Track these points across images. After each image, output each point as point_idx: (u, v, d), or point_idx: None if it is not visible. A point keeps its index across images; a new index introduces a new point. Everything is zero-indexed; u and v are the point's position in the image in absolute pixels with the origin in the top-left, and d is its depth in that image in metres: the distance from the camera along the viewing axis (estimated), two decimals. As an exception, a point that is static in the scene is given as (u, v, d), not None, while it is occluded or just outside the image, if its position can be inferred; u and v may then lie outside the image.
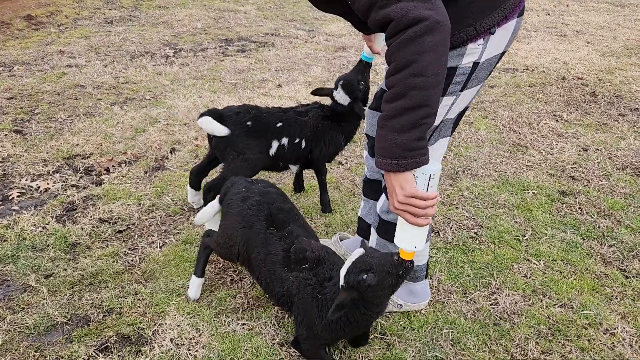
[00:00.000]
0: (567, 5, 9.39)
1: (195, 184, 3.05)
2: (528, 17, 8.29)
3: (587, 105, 4.89)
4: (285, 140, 2.85)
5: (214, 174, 3.15)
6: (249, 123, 2.77)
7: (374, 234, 2.35)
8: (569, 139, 4.20)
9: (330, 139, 2.98)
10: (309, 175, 3.54)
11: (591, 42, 7.06)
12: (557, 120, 4.55)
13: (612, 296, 2.56)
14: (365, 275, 1.79)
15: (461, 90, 1.86)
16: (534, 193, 3.42)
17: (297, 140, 2.88)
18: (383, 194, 2.24)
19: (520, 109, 4.77)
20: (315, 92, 3.00)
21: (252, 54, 6.16)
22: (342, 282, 1.88)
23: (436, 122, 1.93)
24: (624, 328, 2.36)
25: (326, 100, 3.01)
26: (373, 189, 2.52)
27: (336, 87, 2.89)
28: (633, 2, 9.81)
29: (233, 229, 2.26)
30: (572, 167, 3.77)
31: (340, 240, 2.81)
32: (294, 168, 3.05)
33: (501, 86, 5.34)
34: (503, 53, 1.90)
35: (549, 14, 8.68)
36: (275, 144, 2.83)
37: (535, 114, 4.67)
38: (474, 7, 1.70)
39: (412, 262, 1.80)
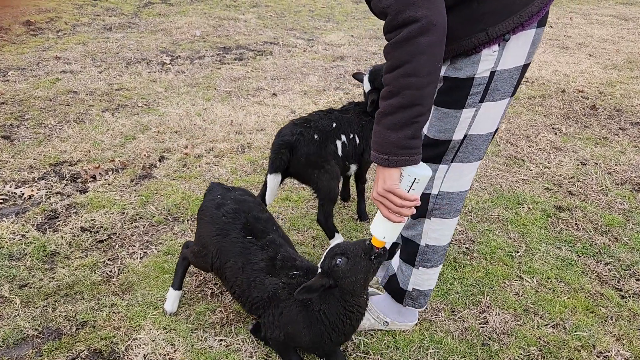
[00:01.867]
0: (570, 18, 9.33)
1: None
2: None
3: (587, 119, 4.80)
4: (344, 138, 2.78)
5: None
6: (316, 136, 2.69)
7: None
8: (567, 153, 4.11)
9: None
10: (296, 186, 3.46)
11: (593, 54, 6.98)
12: (555, 134, 4.46)
13: (607, 317, 2.46)
14: (340, 259, 1.85)
15: (480, 102, 1.80)
16: (529, 208, 3.32)
17: (351, 136, 2.82)
18: None
19: (519, 121, 4.69)
20: (354, 75, 3.02)
21: (249, 62, 6.11)
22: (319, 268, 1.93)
23: (459, 137, 1.87)
24: (619, 351, 2.26)
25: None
26: None
27: (366, 73, 2.84)
28: (638, 15, 9.74)
29: (207, 237, 2.19)
30: (569, 182, 3.67)
31: None
32: (353, 168, 2.94)
33: (500, 98, 5.25)
34: (526, 66, 1.82)
35: (551, 27, 8.61)
36: (339, 143, 2.76)
37: (534, 126, 4.59)
38: (487, 12, 1.66)
39: (384, 249, 1.84)
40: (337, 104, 4.88)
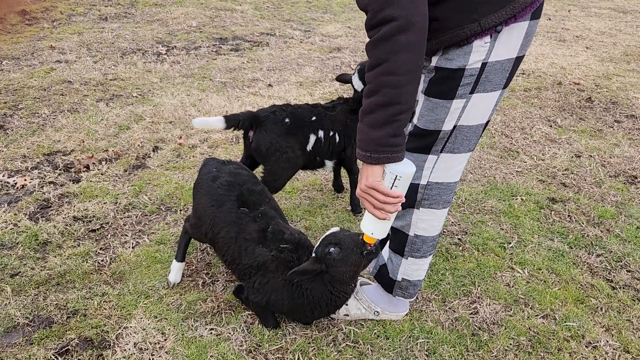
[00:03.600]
0: (569, 11, 9.30)
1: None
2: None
3: (582, 111, 4.80)
4: (321, 134, 2.78)
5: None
6: (287, 120, 2.70)
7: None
8: (561, 145, 4.11)
9: None
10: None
11: (590, 47, 6.97)
12: (550, 126, 4.46)
13: (597, 308, 2.47)
14: (333, 249, 1.93)
15: (471, 93, 1.79)
16: (522, 199, 3.33)
17: (331, 134, 2.82)
18: None
19: (514, 113, 4.68)
20: (339, 78, 2.97)
21: (246, 53, 6.08)
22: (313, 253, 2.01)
23: (448, 127, 1.86)
24: (607, 341, 2.27)
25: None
26: None
27: (354, 72, 2.82)
28: (636, 8, 9.71)
29: (202, 208, 2.26)
30: (563, 174, 3.68)
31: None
32: (329, 164, 2.95)
33: (496, 90, 5.24)
34: (519, 59, 1.80)
35: (549, 19, 8.59)
36: (312, 138, 2.76)
37: (529, 118, 4.58)
38: (479, 3, 1.65)
39: (377, 247, 1.93)
40: (332, 95, 4.87)
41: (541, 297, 2.51)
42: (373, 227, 1.82)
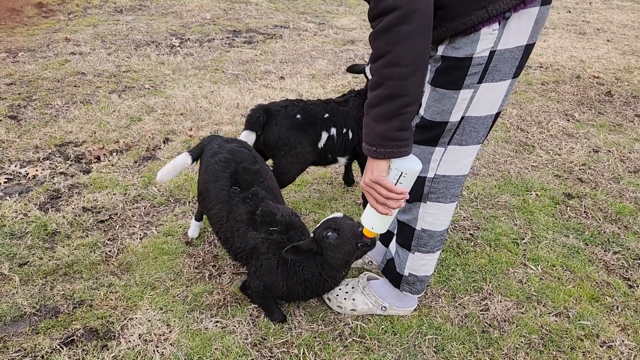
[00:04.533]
0: (590, 3, 9.09)
1: None
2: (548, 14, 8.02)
3: (601, 105, 4.68)
4: (334, 131, 2.73)
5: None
6: (298, 116, 2.65)
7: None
8: (579, 140, 4.01)
9: None
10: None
11: (612, 40, 6.80)
12: (568, 120, 4.35)
13: (613, 306, 2.40)
14: (330, 233, 1.95)
15: (479, 83, 1.72)
16: (537, 194, 3.25)
17: (344, 131, 2.76)
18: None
19: (530, 107, 4.58)
20: (350, 69, 2.91)
21: (259, 45, 6.05)
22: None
23: (456, 118, 1.80)
24: (623, 341, 2.20)
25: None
26: None
27: (368, 63, 2.74)
28: (659, 1, 9.46)
29: (202, 183, 2.30)
30: (580, 169, 3.58)
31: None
32: (342, 160, 2.90)
33: (513, 83, 5.14)
34: (530, 46, 1.73)
35: (569, 12, 8.41)
36: (324, 135, 2.71)
37: (546, 112, 4.48)
38: None
39: (373, 240, 1.94)
40: (345, 87, 4.81)
41: (554, 294, 2.44)
42: (373, 222, 1.80)
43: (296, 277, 2.07)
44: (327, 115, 2.72)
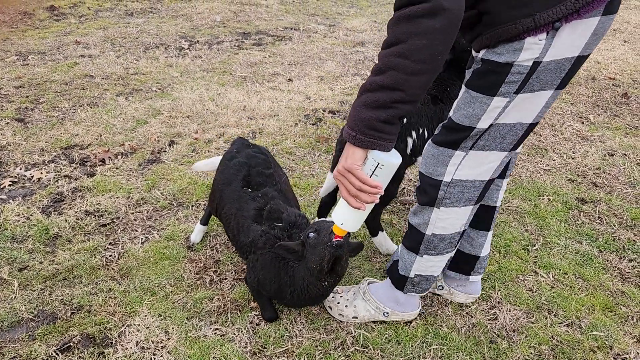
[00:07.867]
0: (605, 4, 8.91)
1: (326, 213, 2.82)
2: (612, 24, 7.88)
3: (617, 107, 4.55)
4: (414, 134, 2.63)
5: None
6: None
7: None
8: (594, 143, 3.90)
9: None
10: (305, 173, 3.36)
11: (629, 41, 6.65)
12: (582, 123, 4.24)
13: (628, 316, 2.30)
14: (312, 233, 1.91)
15: (516, 93, 1.61)
16: (549, 199, 3.15)
17: (421, 131, 2.64)
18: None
19: (544, 109, 4.47)
20: None
21: (268, 47, 6.01)
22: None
23: (484, 125, 1.71)
24: (638, 353, 2.10)
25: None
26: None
27: None
28: (678, 0, 9.26)
29: (216, 184, 2.36)
30: (594, 173, 3.48)
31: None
32: (420, 160, 2.80)
33: (525, 85, 5.03)
34: (582, 58, 1.58)
35: (584, 12, 8.25)
36: (410, 141, 2.58)
37: (560, 115, 4.37)
38: None
39: (342, 243, 1.80)
40: (354, 89, 4.75)
41: (566, 303, 2.35)
42: (344, 217, 1.67)
43: (286, 278, 2.03)
44: (405, 119, 2.54)
